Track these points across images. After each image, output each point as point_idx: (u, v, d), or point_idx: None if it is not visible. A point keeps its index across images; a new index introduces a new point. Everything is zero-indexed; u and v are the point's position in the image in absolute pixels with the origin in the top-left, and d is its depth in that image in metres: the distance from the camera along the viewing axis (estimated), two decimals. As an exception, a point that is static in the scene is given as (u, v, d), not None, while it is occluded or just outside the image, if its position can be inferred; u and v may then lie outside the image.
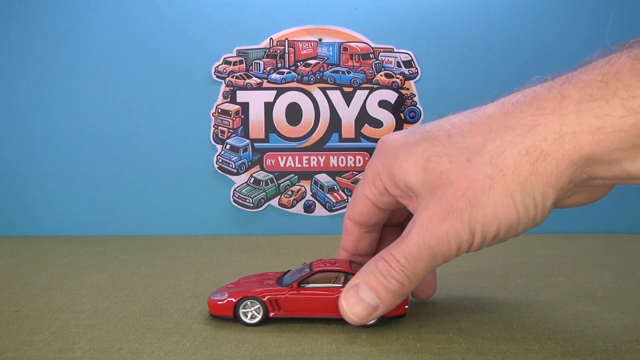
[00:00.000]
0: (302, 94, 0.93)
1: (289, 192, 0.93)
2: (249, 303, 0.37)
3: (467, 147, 0.29)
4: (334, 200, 0.92)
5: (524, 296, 0.47)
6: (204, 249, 0.76)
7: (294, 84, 0.93)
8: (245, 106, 0.93)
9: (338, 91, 0.93)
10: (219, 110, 0.93)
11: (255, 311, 0.37)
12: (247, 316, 0.38)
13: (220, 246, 0.79)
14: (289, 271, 0.42)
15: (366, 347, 0.34)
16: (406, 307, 0.37)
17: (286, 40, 0.93)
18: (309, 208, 0.92)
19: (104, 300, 0.47)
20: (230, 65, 0.93)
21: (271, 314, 0.37)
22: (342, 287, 0.37)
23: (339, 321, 0.37)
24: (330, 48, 0.94)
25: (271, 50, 0.93)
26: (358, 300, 0.33)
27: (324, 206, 0.92)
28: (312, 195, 0.92)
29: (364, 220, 0.39)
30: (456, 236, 0.30)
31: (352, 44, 0.93)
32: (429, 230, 0.30)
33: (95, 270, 0.60)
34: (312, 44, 0.94)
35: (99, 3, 0.93)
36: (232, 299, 0.38)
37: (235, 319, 0.38)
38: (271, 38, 0.94)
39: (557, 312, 0.42)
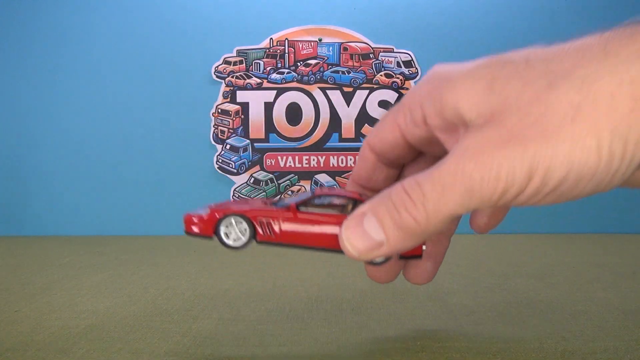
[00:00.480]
0: (302, 94, 0.93)
1: (289, 192, 0.93)
2: (233, 221, 0.31)
3: (550, 71, 0.23)
4: (334, 200, 0.92)
5: (524, 296, 0.47)
6: (204, 249, 0.76)
7: (294, 84, 0.93)
8: (245, 106, 0.93)
9: (338, 91, 0.93)
10: (219, 110, 0.93)
11: (241, 232, 0.31)
12: (229, 237, 0.31)
13: (220, 246, 0.78)
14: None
15: (366, 346, 0.34)
16: (423, 247, 0.32)
17: (286, 40, 0.93)
18: (309, 208, 0.92)
19: (104, 300, 0.47)
20: (230, 65, 0.93)
21: (259, 239, 0.31)
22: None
23: (339, 320, 0.37)
24: (330, 48, 0.94)
25: (271, 50, 0.93)
26: (361, 232, 0.27)
27: (324, 206, 0.92)
28: (312, 195, 0.93)
29: (384, 149, 0.32)
30: (509, 173, 0.22)
31: (352, 44, 0.93)
32: (475, 157, 0.23)
33: (95, 270, 0.60)
34: (312, 44, 0.94)
35: (99, 3, 0.93)
36: (215, 215, 0.31)
37: (216, 240, 0.31)
38: (271, 38, 0.94)
39: (557, 312, 0.42)
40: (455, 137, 0.27)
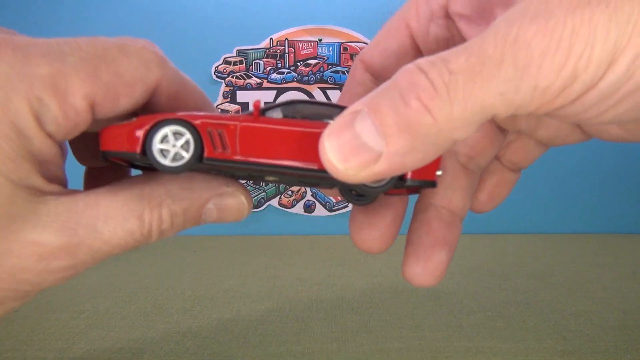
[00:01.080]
0: (302, 94, 0.93)
1: (289, 192, 0.93)
2: (170, 133, 0.22)
3: None
4: (334, 201, 0.92)
5: (524, 296, 0.47)
6: (204, 249, 0.76)
7: (294, 84, 0.93)
8: (245, 106, 0.93)
9: (338, 91, 0.93)
10: (219, 110, 0.93)
11: (183, 148, 0.22)
12: (166, 156, 0.22)
13: (220, 246, 0.79)
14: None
15: (367, 345, 0.34)
16: (438, 173, 0.22)
17: (286, 40, 0.93)
18: (309, 208, 0.92)
19: (104, 300, 0.47)
20: (230, 65, 0.93)
21: (208, 155, 0.22)
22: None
23: (339, 320, 0.37)
24: (330, 48, 0.94)
25: (271, 50, 0.93)
26: (350, 136, 0.17)
27: (324, 206, 0.92)
28: (312, 195, 0.93)
29: (386, 64, 0.24)
30: (587, 44, 0.15)
31: (352, 44, 0.94)
32: (540, 18, 0.16)
33: (95, 270, 0.60)
34: (312, 44, 0.94)
35: (99, 3, 0.93)
36: (144, 125, 0.22)
37: (145, 161, 0.22)
38: (271, 38, 0.94)
39: (557, 311, 0.42)
40: (496, 14, 0.20)
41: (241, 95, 0.94)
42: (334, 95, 0.93)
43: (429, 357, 0.32)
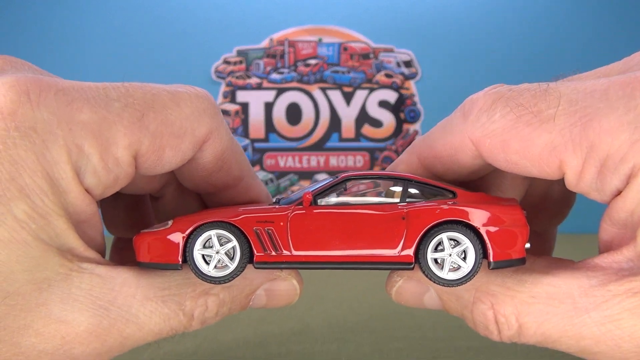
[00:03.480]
0: (302, 94, 0.93)
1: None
2: (214, 237, 0.19)
3: None
4: (334, 200, 0.93)
5: (524, 296, 0.47)
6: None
7: (294, 84, 0.93)
8: (245, 106, 0.93)
9: (338, 91, 0.93)
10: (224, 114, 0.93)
11: (227, 254, 0.19)
12: (209, 263, 0.19)
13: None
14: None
15: (367, 346, 0.34)
16: (527, 246, 0.20)
17: (286, 40, 0.93)
18: (309, 208, 0.93)
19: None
20: (230, 65, 0.93)
21: (257, 260, 0.19)
22: (401, 204, 0.20)
23: (340, 320, 0.37)
24: (330, 48, 0.94)
25: (271, 50, 0.93)
26: (417, 295, 0.22)
27: (324, 206, 0.93)
28: (312, 195, 0.93)
29: (441, 170, 0.23)
30: None
31: (352, 44, 0.93)
32: None
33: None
34: (312, 44, 0.94)
35: (99, 3, 0.93)
36: (181, 232, 0.19)
37: (188, 271, 0.20)
38: (271, 38, 0.94)
39: (557, 311, 0.42)
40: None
41: (241, 95, 0.94)
42: (334, 95, 0.93)
43: (429, 357, 0.32)
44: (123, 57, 0.93)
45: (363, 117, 0.93)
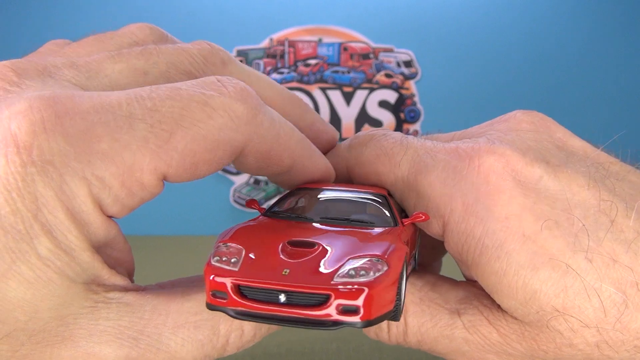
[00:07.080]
0: (302, 94, 0.93)
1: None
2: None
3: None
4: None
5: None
6: (204, 249, 0.76)
7: (294, 84, 0.93)
8: (245, 106, 0.93)
9: (338, 91, 0.93)
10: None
11: None
12: None
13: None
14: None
15: (366, 345, 0.34)
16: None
17: (286, 40, 0.93)
18: (309, 208, 0.93)
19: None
20: (230, 65, 0.93)
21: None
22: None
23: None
24: (330, 48, 0.94)
25: (271, 50, 0.93)
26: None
27: (324, 206, 0.93)
28: (312, 195, 0.93)
29: None
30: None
31: (352, 44, 0.93)
32: None
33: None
34: (312, 44, 0.94)
35: (99, 3, 0.93)
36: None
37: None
38: (271, 38, 0.94)
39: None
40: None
41: (241, 95, 0.94)
42: (334, 95, 0.93)
43: (429, 357, 0.32)
44: (123, 57, 0.93)
45: (363, 117, 0.93)
